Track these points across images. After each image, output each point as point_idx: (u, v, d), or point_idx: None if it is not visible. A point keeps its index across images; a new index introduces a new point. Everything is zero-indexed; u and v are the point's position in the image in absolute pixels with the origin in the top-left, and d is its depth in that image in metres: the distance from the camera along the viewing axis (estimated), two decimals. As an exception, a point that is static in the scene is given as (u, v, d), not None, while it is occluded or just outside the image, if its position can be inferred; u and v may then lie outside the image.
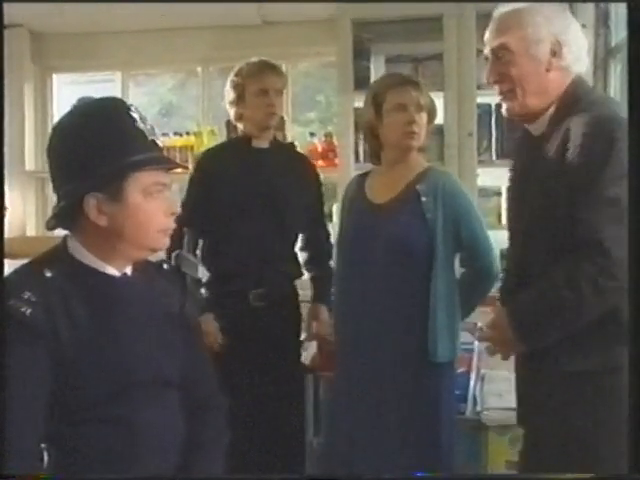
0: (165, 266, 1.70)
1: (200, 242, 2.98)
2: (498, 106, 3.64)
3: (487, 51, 1.97)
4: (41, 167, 4.44)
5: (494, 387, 2.93)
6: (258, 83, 2.93)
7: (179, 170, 1.75)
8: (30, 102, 4.40)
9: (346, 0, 3.63)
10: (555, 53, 1.88)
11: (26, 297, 1.42)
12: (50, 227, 1.57)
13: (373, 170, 2.72)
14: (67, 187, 1.51)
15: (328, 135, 4.08)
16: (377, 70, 3.82)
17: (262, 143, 3.01)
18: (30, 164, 4.39)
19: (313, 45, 4.12)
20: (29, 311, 1.41)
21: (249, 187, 2.91)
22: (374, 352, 2.54)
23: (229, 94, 3.00)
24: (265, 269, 2.91)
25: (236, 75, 2.99)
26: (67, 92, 4.63)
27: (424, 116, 2.58)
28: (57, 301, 1.45)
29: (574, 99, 1.87)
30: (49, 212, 5.17)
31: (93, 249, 1.53)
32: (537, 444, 1.88)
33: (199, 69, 4.45)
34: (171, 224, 1.57)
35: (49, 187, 4.50)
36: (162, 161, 1.58)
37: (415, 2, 3.47)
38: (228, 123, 3.97)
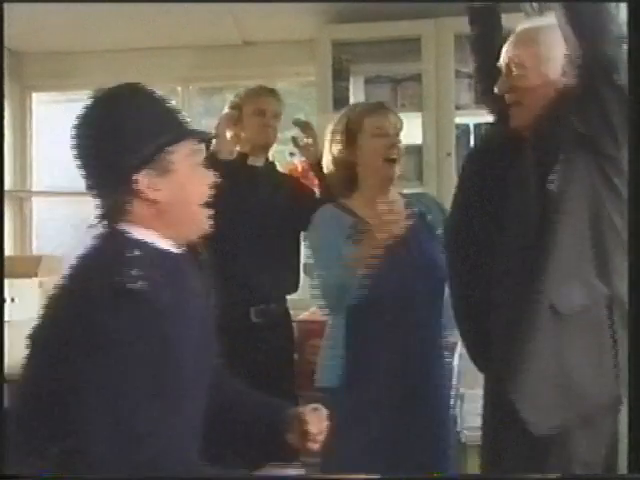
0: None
1: None
2: (476, 126, 3.68)
3: (502, 63, 2.04)
4: (19, 186, 4.42)
5: (474, 406, 2.93)
6: (256, 103, 3.00)
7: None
8: (9, 121, 4.38)
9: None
10: (566, 73, 1.92)
11: (134, 273, 1.38)
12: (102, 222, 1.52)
13: (347, 205, 2.49)
14: (115, 175, 1.47)
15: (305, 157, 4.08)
16: (356, 90, 3.85)
17: (257, 162, 3.04)
18: (8, 183, 4.36)
19: (293, 65, 4.14)
20: (141, 284, 1.37)
21: (245, 204, 2.93)
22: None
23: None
24: (265, 285, 2.93)
25: (235, 96, 3.06)
26: (46, 111, 4.62)
27: (402, 142, 2.48)
28: (161, 276, 1.43)
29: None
30: (28, 231, 5.11)
31: (153, 229, 1.51)
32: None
33: (179, 88, 4.45)
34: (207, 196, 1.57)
35: (27, 206, 4.50)
36: (198, 132, 1.60)
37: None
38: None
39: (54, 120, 4.58)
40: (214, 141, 2.99)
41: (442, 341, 2.50)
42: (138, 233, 1.50)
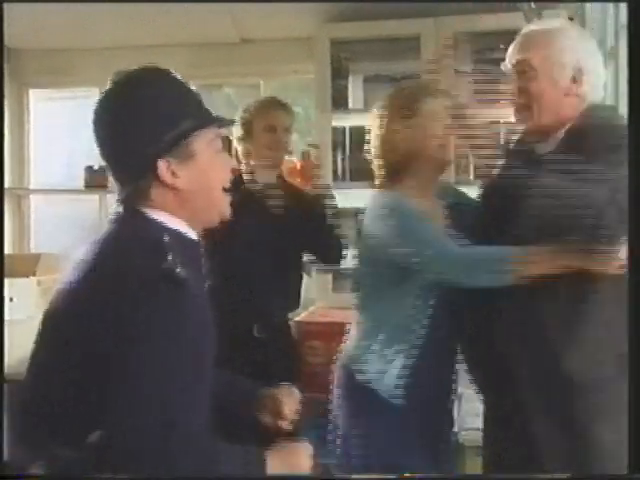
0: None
1: None
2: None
3: (508, 65, 1.99)
4: (17, 184, 4.41)
5: (472, 407, 2.93)
6: (266, 119, 2.95)
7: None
8: (6, 118, 4.37)
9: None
10: (575, 80, 1.90)
11: (171, 259, 1.37)
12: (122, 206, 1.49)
13: (402, 193, 2.24)
14: (137, 162, 1.45)
15: (306, 154, 4.07)
16: (355, 89, 3.85)
17: (269, 179, 3.00)
18: (6, 181, 4.35)
19: (291, 63, 4.13)
20: (179, 270, 1.36)
21: (254, 221, 2.86)
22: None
23: (237, 130, 3.01)
24: (269, 303, 2.91)
25: (244, 111, 3.00)
26: (43, 108, 4.62)
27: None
28: (187, 263, 1.42)
29: (586, 127, 1.86)
30: (26, 230, 5.09)
31: (175, 215, 1.49)
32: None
33: (177, 86, 4.44)
34: (229, 181, 1.56)
35: (26, 204, 4.49)
36: (216, 118, 1.57)
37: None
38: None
39: (52, 117, 4.58)
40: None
41: None
42: (163, 219, 1.48)
